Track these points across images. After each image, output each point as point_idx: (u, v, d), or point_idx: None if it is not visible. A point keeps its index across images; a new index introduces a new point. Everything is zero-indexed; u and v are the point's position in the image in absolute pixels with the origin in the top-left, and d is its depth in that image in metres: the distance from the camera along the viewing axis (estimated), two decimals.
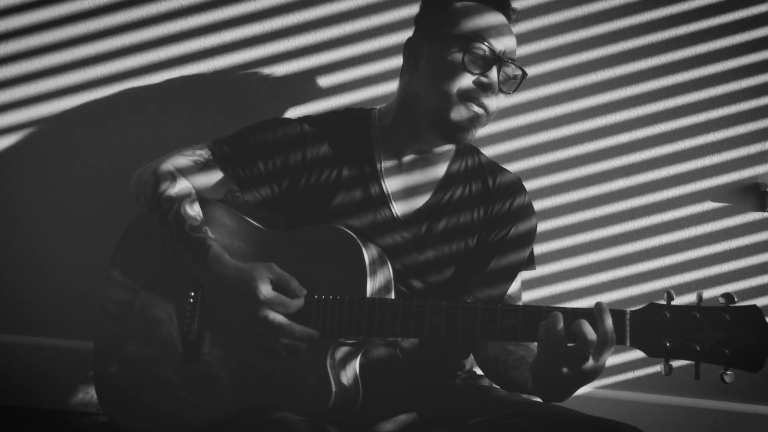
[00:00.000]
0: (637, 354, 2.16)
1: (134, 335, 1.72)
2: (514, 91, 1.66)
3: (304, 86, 2.20)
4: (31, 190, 2.29)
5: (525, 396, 1.72)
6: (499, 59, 1.60)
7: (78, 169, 2.27)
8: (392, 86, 1.76)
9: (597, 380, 2.22)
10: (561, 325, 1.34)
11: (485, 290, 1.72)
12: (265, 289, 1.52)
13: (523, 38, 2.14)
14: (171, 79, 2.21)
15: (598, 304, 1.34)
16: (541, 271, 2.16)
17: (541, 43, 2.15)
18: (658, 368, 2.18)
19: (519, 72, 1.65)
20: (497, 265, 1.73)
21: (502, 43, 1.61)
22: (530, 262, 1.82)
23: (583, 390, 2.23)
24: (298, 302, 1.54)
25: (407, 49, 1.69)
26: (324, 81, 2.20)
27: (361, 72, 2.18)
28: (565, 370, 1.34)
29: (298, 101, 2.21)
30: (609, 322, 1.32)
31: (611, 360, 2.16)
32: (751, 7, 2.10)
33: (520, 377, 1.56)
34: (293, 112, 2.20)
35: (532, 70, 2.15)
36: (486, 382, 1.79)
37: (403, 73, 1.71)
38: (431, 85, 1.61)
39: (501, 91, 1.63)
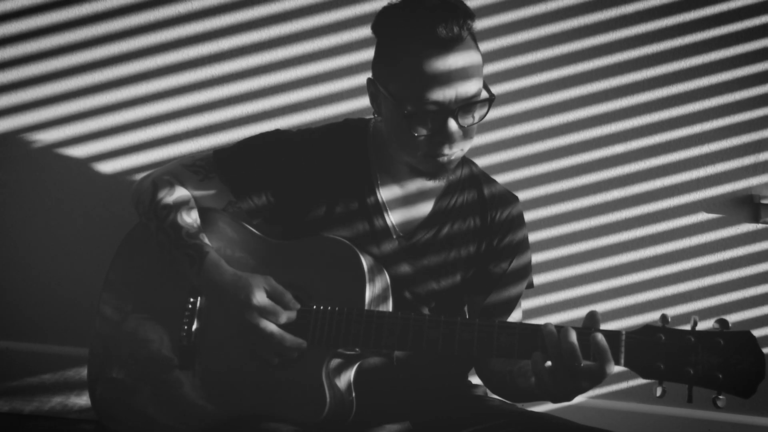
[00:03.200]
0: None
1: (130, 342, 1.72)
2: (483, 119, 1.55)
3: (302, 95, 2.21)
4: (26, 197, 2.29)
5: (519, 405, 1.73)
6: (449, 111, 1.48)
7: (75, 175, 2.27)
8: None
9: (589, 390, 2.25)
10: (555, 334, 1.36)
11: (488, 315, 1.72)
12: (259, 296, 1.53)
13: (519, 49, 2.15)
14: (170, 87, 2.21)
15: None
16: (535, 280, 2.17)
17: (536, 53, 2.16)
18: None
19: (484, 104, 1.53)
20: (497, 298, 1.73)
21: (453, 90, 1.47)
22: (529, 285, 1.82)
23: (577, 399, 2.25)
24: (290, 314, 1.55)
25: (369, 90, 1.61)
26: (322, 89, 2.21)
27: (356, 81, 2.20)
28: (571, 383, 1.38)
29: (297, 110, 2.21)
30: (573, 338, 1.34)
31: None
32: (745, 20, 2.10)
33: (527, 384, 1.57)
34: (291, 121, 2.20)
35: (528, 81, 2.17)
36: (480, 391, 1.79)
37: None
38: (392, 138, 1.58)
39: (464, 128, 1.52)
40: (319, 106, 2.21)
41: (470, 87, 1.48)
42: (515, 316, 1.76)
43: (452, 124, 1.48)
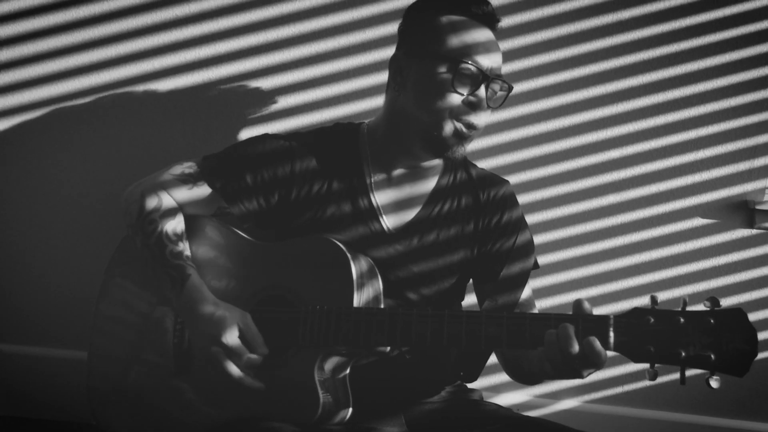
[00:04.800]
0: (625, 369, 2.18)
1: (127, 346, 1.72)
2: (500, 106, 1.66)
3: (294, 99, 2.21)
4: (26, 199, 2.29)
5: (515, 410, 1.73)
6: (486, 77, 1.60)
7: (73, 177, 2.28)
8: (381, 100, 1.77)
9: (585, 395, 2.25)
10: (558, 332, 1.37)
11: (501, 297, 1.74)
12: (230, 335, 1.52)
13: (516, 53, 2.15)
14: (166, 90, 2.22)
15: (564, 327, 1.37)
16: (530, 284, 2.17)
17: (534, 58, 2.17)
18: (645, 383, 2.19)
19: (505, 87, 1.65)
20: (508, 273, 1.75)
21: (490, 60, 1.60)
22: (534, 264, 1.83)
23: (571, 404, 2.26)
24: (255, 359, 1.54)
25: (393, 66, 1.68)
26: (315, 94, 2.21)
27: (352, 86, 2.20)
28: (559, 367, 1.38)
29: (288, 114, 2.22)
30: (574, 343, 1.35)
31: (598, 375, 2.17)
32: (741, 27, 2.12)
33: (530, 366, 1.61)
34: (283, 125, 2.21)
35: (524, 86, 2.17)
36: (476, 395, 1.79)
37: (389, 88, 1.71)
38: (420, 103, 1.62)
39: (488, 106, 1.63)
40: (315, 110, 2.22)
41: (501, 61, 1.64)
42: (527, 292, 1.77)
43: (484, 90, 1.60)
